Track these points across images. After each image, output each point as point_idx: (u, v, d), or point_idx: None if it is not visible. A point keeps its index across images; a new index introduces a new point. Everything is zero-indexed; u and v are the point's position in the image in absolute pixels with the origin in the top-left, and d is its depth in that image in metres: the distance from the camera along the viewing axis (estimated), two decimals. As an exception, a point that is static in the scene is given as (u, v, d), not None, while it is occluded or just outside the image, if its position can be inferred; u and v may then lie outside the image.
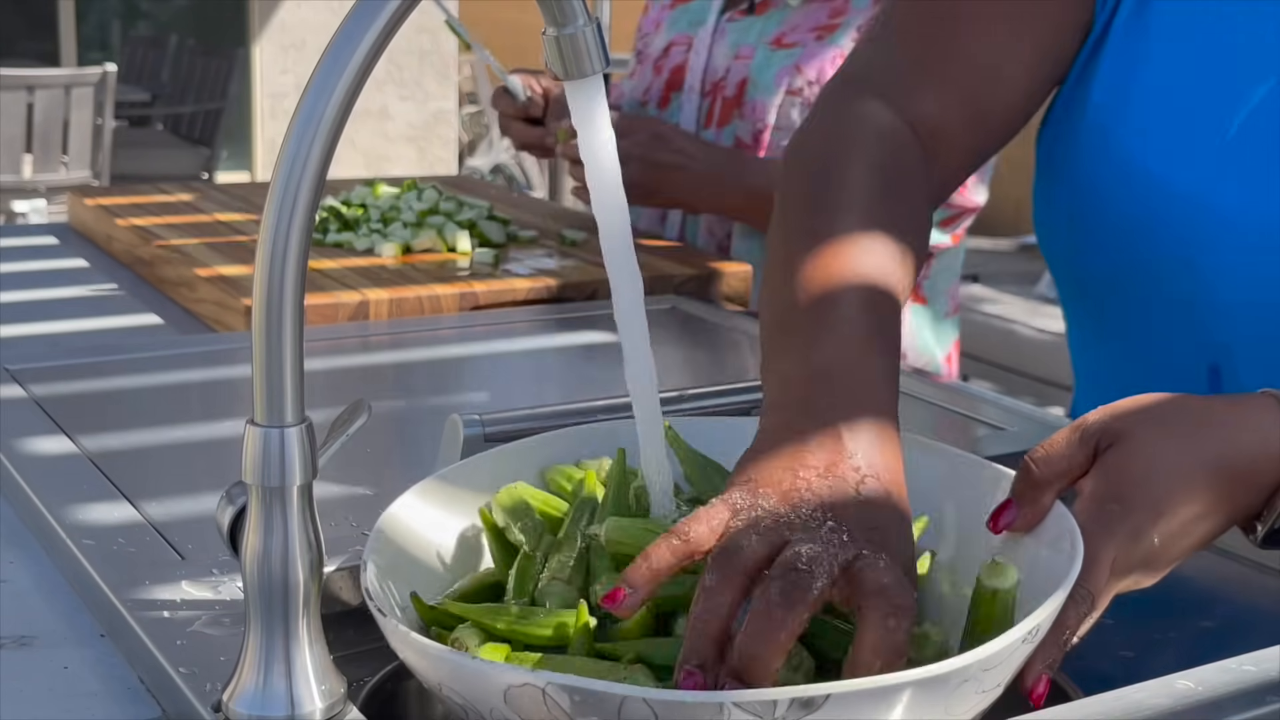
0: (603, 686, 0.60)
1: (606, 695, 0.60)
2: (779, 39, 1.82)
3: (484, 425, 0.89)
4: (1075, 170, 1.07)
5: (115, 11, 8.48)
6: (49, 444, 1.08)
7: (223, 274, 1.61)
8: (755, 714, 0.59)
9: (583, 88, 0.71)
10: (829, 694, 0.59)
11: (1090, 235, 1.07)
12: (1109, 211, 1.05)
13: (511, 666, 0.63)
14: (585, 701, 0.60)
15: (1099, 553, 0.71)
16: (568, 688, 0.60)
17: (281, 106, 7.71)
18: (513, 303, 1.61)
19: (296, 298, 0.63)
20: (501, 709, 0.62)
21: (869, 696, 0.60)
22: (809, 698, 0.59)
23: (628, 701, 0.60)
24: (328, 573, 0.83)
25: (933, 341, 1.94)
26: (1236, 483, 0.77)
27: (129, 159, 6.31)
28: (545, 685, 0.60)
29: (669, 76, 1.92)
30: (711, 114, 1.86)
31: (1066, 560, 0.70)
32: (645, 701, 0.59)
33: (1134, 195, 1.03)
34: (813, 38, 1.80)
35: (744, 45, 1.84)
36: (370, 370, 1.43)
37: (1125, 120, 1.04)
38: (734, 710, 0.59)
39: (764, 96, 1.80)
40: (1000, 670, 0.64)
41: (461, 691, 0.64)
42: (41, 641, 0.81)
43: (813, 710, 0.59)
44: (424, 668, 0.66)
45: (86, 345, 1.45)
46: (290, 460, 0.65)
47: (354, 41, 0.62)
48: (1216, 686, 0.70)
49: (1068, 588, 0.67)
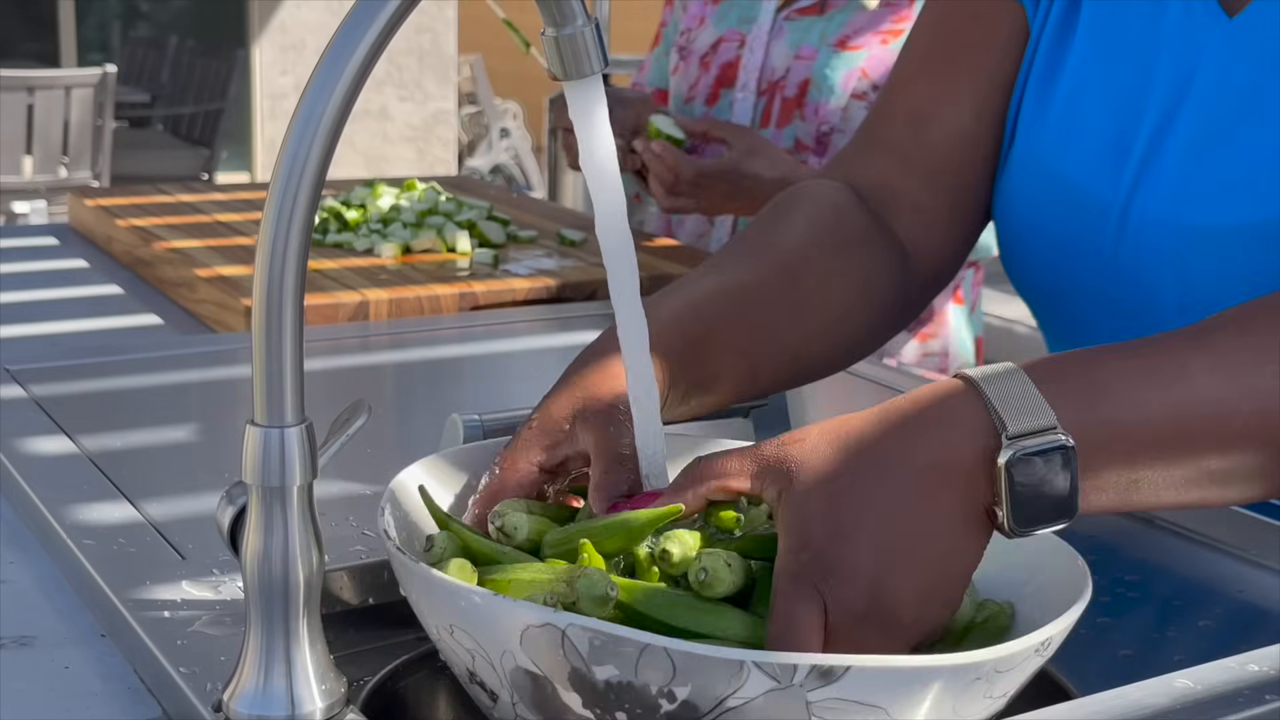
0: (625, 632, 0.60)
1: (627, 642, 0.60)
2: (843, 41, 1.81)
3: (484, 425, 0.90)
4: (1012, 184, 1.08)
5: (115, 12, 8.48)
6: (49, 444, 1.08)
7: (223, 274, 1.61)
8: (773, 676, 0.59)
9: (582, 88, 0.71)
10: (849, 666, 0.60)
11: (1032, 249, 1.09)
12: (1045, 225, 1.06)
13: (533, 605, 0.62)
14: (604, 647, 0.60)
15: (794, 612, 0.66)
16: (589, 630, 0.60)
17: (281, 107, 7.71)
18: (512, 303, 1.61)
19: (296, 298, 0.63)
20: (515, 652, 0.62)
21: (887, 675, 0.60)
22: (829, 667, 0.59)
23: (648, 651, 0.59)
24: (328, 573, 0.83)
25: (969, 340, 1.95)
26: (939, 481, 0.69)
27: (129, 160, 6.31)
28: (566, 627, 0.60)
29: (719, 73, 1.90)
30: (769, 113, 1.85)
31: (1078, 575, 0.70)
32: (666, 652, 0.59)
33: (1065, 208, 1.05)
34: (877, 41, 1.79)
35: (805, 45, 1.83)
36: (370, 370, 1.43)
37: (1048, 135, 1.06)
38: (753, 670, 0.59)
39: (827, 99, 1.79)
40: (1010, 677, 0.64)
41: (474, 633, 0.64)
42: (41, 641, 0.81)
43: (831, 681, 0.60)
44: (436, 608, 0.65)
45: (86, 345, 1.45)
46: (290, 460, 0.65)
47: (354, 41, 0.62)
48: (1216, 686, 0.70)
49: (1084, 602, 0.67)
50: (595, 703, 0.62)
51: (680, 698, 0.60)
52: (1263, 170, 0.94)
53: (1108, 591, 0.92)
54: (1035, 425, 0.69)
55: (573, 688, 0.62)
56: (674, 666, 0.59)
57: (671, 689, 0.60)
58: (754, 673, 0.59)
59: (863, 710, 0.61)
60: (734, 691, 0.60)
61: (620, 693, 0.61)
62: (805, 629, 0.66)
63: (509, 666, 0.63)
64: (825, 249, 1.00)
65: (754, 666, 0.59)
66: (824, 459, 0.69)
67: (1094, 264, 1.03)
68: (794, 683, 0.59)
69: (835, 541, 0.67)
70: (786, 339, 0.95)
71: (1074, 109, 1.05)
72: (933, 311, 1.92)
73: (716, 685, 0.60)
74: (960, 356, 1.92)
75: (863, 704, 0.61)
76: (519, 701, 0.64)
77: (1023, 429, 0.68)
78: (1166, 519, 1.02)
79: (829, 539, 0.67)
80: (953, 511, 0.69)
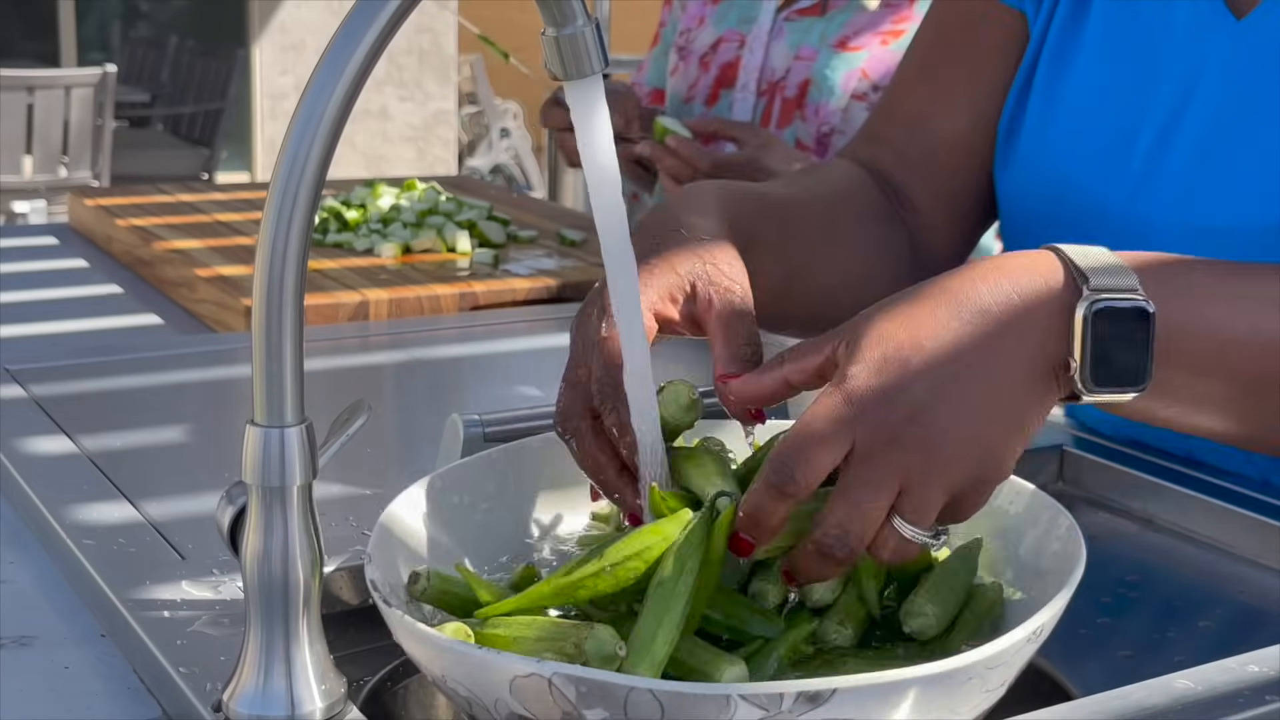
0: (608, 678, 0.60)
1: (612, 686, 0.60)
2: (843, 42, 1.81)
3: (484, 425, 0.89)
4: (1017, 183, 1.08)
5: (115, 12, 8.48)
6: (49, 444, 1.08)
7: (223, 274, 1.61)
8: (761, 707, 0.59)
9: (582, 88, 0.71)
10: (835, 689, 0.59)
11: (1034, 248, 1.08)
12: (1049, 225, 1.06)
13: (518, 657, 0.63)
14: (591, 692, 0.60)
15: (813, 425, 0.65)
16: (574, 678, 0.60)
17: (281, 107, 7.71)
18: (512, 303, 1.61)
19: (296, 298, 0.63)
20: (507, 700, 0.62)
21: (875, 692, 0.60)
22: (815, 692, 0.59)
23: (634, 693, 0.60)
24: (328, 573, 0.83)
25: None
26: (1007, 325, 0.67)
27: (129, 159, 6.30)
28: (551, 675, 0.60)
29: (718, 73, 1.90)
30: (769, 114, 1.85)
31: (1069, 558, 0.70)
32: (652, 693, 0.60)
33: (1069, 209, 1.04)
34: (878, 42, 1.79)
35: (805, 46, 1.83)
36: (370, 370, 1.43)
37: (1053, 135, 1.06)
38: (740, 703, 0.59)
39: (827, 99, 1.79)
40: (1003, 670, 0.64)
41: (466, 683, 0.64)
42: (41, 641, 0.81)
43: (819, 704, 0.59)
44: (428, 659, 0.66)
45: (86, 345, 1.45)
46: (290, 460, 0.65)
47: (354, 41, 0.62)
48: (1216, 686, 0.70)
49: (1071, 588, 0.67)
50: None
51: None
52: (1269, 172, 0.94)
53: (1108, 592, 0.92)
54: (1117, 284, 0.68)
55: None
56: (661, 706, 0.60)
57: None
58: (741, 705, 0.59)
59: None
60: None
61: None
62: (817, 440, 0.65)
63: (504, 712, 0.63)
64: (855, 209, 1.01)
65: (740, 699, 0.59)
66: (889, 305, 0.69)
67: None
68: (782, 710, 0.59)
69: (882, 367, 0.66)
70: (820, 266, 0.94)
71: (1080, 110, 1.05)
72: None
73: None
74: None
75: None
76: None
77: (1104, 284, 0.68)
78: (1167, 519, 1.02)
79: (876, 365, 0.66)
80: (1017, 357, 0.67)
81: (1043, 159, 1.06)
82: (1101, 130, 1.03)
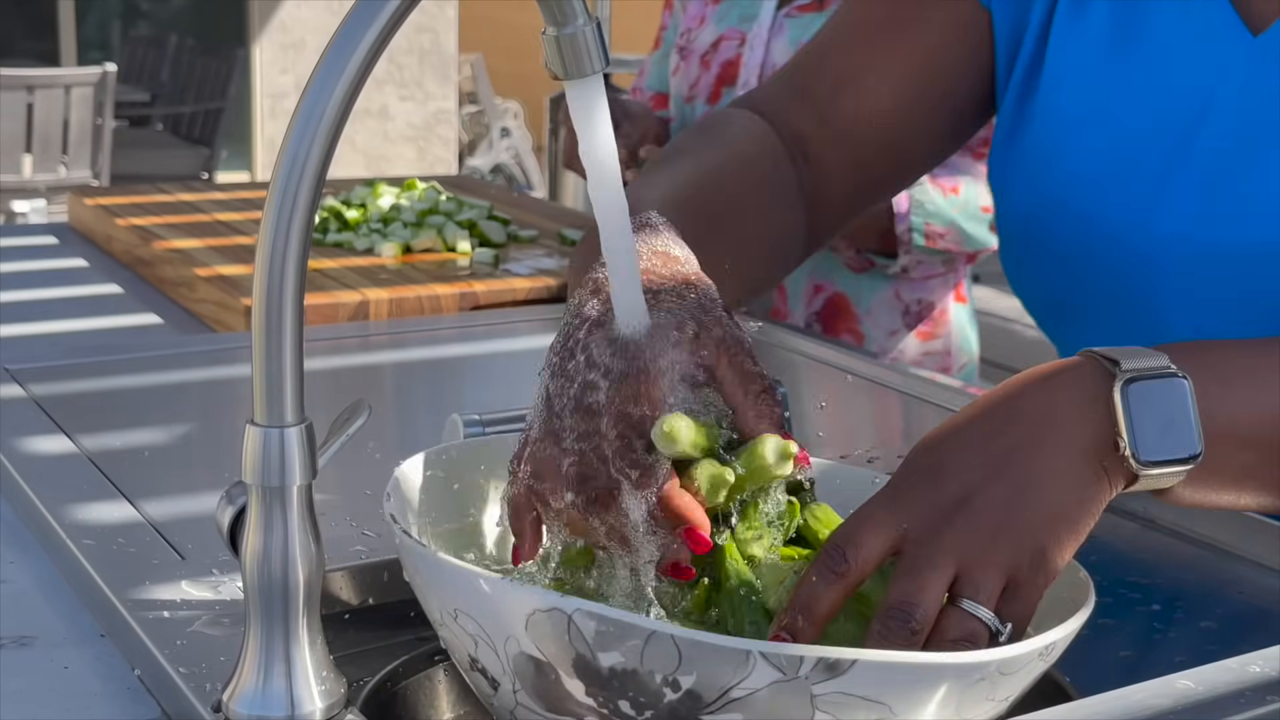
0: (631, 618, 0.60)
1: (634, 628, 0.60)
2: None
3: (484, 425, 0.89)
4: (1016, 193, 1.08)
5: (115, 12, 8.48)
6: (49, 444, 1.08)
7: (223, 274, 1.61)
8: (779, 668, 0.59)
9: (582, 87, 0.71)
10: (856, 660, 0.59)
11: (1034, 264, 1.08)
12: (1047, 242, 1.05)
13: (540, 590, 0.62)
14: (610, 632, 0.60)
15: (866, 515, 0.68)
16: (595, 615, 0.60)
17: (281, 106, 7.71)
18: (513, 303, 1.61)
19: (296, 298, 0.63)
20: (519, 637, 0.62)
21: (894, 670, 0.60)
22: (835, 660, 0.59)
23: (654, 637, 0.59)
24: (328, 573, 0.83)
25: (973, 339, 1.95)
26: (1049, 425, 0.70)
27: (129, 159, 6.30)
28: (573, 611, 0.60)
29: (720, 71, 1.90)
30: None
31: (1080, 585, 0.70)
32: (672, 639, 0.59)
33: (1071, 223, 1.03)
34: None
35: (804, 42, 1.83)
36: (370, 370, 1.43)
37: (1052, 145, 1.05)
38: (759, 660, 0.59)
39: None
40: (1013, 680, 0.64)
41: (479, 617, 0.64)
42: (41, 641, 0.81)
43: (837, 674, 0.59)
44: (441, 591, 0.65)
45: (86, 345, 1.45)
46: (290, 460, 0.65)
47: (354, 41, 0.62)
48: (1217, 686, 0.70)
49: (1088, 610, 0.67)
50: (598, 690, 0.62)
51: (684, 687, 0.60)
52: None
53: (1108, 592, 0.92)
54: (1148, 364, 0.71)
55: (576, 675, 0.62)
56: (680, 654, 0.59)
57: (676, 678, 0.60)
58: (760, 663, 0.59)
59: (866, 706, 0.61)
60: (739, 682, 0.60)
61: (624, 680, 0.61)
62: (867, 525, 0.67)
63: (512, 652, 0.63)
64: (763, 197, 1.02)
65: (760, 657, 0.59)
66: (931, 431, 0.71)
67: (1100, 281, 1.02)
68: (800, 675, 0.59)
69: (929, 462, 0.69)
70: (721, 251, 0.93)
71: (1085, 121, 1.03)
72: (933, 309, 1.91)
73: (721, 675, 0.60)
74: (963, 355, 1.92)
75: (867, 699, 0.60)
76: (520, 689, 0.64)
77: (1135, 365, 0.70)
78: (1167, 519, 1.01)
79: (924, 462, 0.69)
80: (1059, 447, 0.69)
81: (1044, 168, 1.05)
82: (1106, 144, 1.02)
